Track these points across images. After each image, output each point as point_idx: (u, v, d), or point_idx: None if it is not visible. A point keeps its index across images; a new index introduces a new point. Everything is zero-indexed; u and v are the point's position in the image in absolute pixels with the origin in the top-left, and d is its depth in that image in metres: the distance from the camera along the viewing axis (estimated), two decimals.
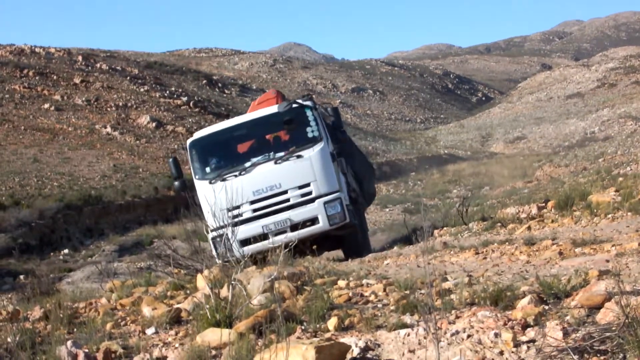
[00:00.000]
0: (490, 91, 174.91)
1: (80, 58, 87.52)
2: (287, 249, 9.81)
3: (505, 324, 6.48)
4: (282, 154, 18.56)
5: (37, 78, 73.78)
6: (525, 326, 6.42)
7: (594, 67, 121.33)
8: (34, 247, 32.14)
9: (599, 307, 6.49)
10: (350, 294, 8.81)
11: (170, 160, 19.83)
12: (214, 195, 17.12)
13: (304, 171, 18.28)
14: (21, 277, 25.98)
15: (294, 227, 17.77)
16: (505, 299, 7.28)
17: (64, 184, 41.78)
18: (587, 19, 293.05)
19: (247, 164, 18.61)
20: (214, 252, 17.12)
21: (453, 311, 7.28)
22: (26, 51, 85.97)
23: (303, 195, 18.21)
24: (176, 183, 19.22)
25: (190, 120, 69.18)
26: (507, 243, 12.54)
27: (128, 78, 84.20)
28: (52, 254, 32.10)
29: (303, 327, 7.55)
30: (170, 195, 42.19)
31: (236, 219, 16.33)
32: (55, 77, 75.60)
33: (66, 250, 32.56)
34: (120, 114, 67.81)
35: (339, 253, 20.25)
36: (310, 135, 18.66)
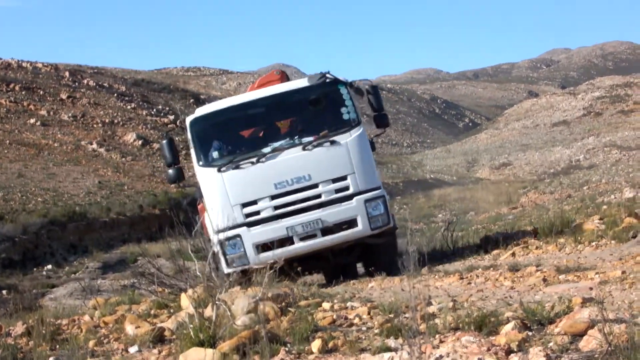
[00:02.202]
0: (477, 117, 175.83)
1: (67, 74, 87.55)
2: (272, 270, 9.73)
3: (488, 350, 6.49)
4: (310, 138, 15.31)
5: (23, 93, 73.66)
6: (508, 352, 6.44)
7: (580, 96, 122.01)
8: (17, 263, 31.99)
9: (582, 335, 6.52)
10: (335, 317, 8.81)
11: (164, 142, 16.08)
12: (224, 187, 14.83)
13: (339, 161, 15.12)
14: (4, 292, 25.82)
15: (326, 230, 15.02)
16: (489, 325, 7.29)
17: (48, 200, 41.64)
18: (574, 48, 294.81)
19: (267, 149, 15.30)
20: (221, 260, 14.78)
21: (437, 335, 7.29)
22: (13, 65, 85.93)
23: (338, 190, 15.07)
24: (170, 171, 15.86)
25: (177, 139, 68.95)
26: (491, 269, 12.58)
27: (115, 95, 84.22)
28: (35, 269, 31.96)
29: (287, 349, 7.54)
30: (155, 214, 42.16)
31: (252, 218, 14.88)
32: (41, 92, 75.52)
33: (49, 266, 32.42)
34: (107, 131, 67.76)
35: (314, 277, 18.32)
36: (345, 117, 15.51)
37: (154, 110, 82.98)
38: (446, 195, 63.60)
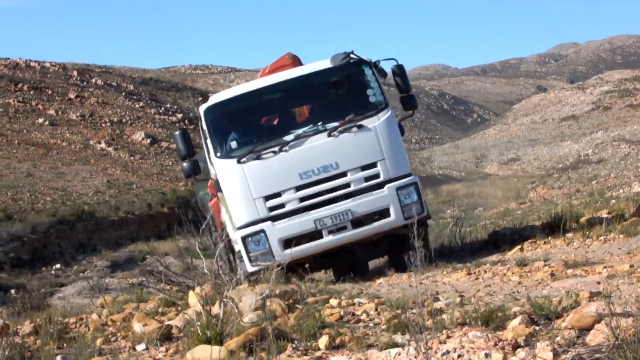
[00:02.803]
0: (486, 112, 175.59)
1: (75, 73, 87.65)
2: (280, 267, 9.69)
3: (495, 345, 6.49)
4: (335, 123, 14.25)
5: (31, 92, 73.81)
6: (515, 347, 6.43)
7: (588, 90, 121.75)
8: (25, 262, 32.08)
9: (589, 329, 6.50)
10: (342, 313, 8.80)
11: (177, 133, 14.75)
12: (245, 179, 13.78)
13: (368, 147, 14.06)
14: (12, 291, 25.92)
15: (357, 222, 13.93)
16: (496, 320, 7.28)
17: (57, 199, 41.74)
18: (582, 42, 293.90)
19: (289, 137, 14.23)
20: (244, 258, 13.87)
21: (444, 331, 7.28)
22: (21, 65, 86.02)
23: (367, 178, 14.01)
24: (184, 164, 14.43)
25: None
26: (499, 264, 12.55)
27: (123, 94, 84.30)
28: (44, 268, 32.08)
29: (294, 346, 7.54)
30: (164, 212, 42.26)
31: (277, 211, 13.87)
32: (50, 92, 75.67)
33: (58, 265, 32.53)
34: (115, 130, 67.89)
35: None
36: (372, 99, 14.46)
37: (162, 108, 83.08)
38: (455, 191, 63.59)
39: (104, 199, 44.01)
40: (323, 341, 7.52)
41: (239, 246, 13.98)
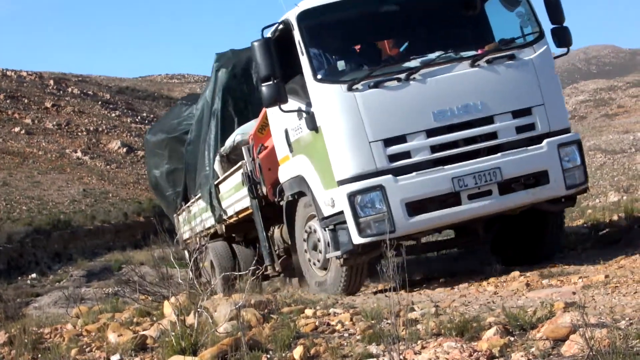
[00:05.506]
0: None
1: (51, 82, 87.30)
2: (255, 277, 9.59)
3: (470, 355, 6.48)
4: (474, 52, 10.92)
5: (7, 101, 73.49)
6: (490, 357, 6.43)
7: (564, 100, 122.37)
8: (1, 271, 31.95)
9: (564, 340, 6.50)
10: (317, 323, 8.77)
11: (258, 43, 10.45)
12: (358, 113, 10.26)
13: (522, 86, 10.72)
14: None
15: (504, 186, 10.61)
16: (471, 330, 7.27)
17: (33, 208, 41.57)
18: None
19: (414, 63, 10.71)
20: (349, 223, 10.41)
21: (419, 341, 7.26)
22: None
23: (519, 129, 10.66)
24: (265, 88, 10.50)
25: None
26: (474, 274, 12.56)
27: (99, 103, 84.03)
28: (19, 278, 31.93)
29: (268, 356, 7.51)
30: (140, 221, 42.13)
31: (400, 162, 10.43)
32: (26, 101, 75.36)
33: (34, 275, 32.38)
34: (91, 139, 67.66)
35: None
36: (524, 26, 11.28)
37: (139, 117, 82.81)
38: None
39: (80, 208, 43.89)
40: (298, 351, 7.49)
41: (338, 207, 10.56)
